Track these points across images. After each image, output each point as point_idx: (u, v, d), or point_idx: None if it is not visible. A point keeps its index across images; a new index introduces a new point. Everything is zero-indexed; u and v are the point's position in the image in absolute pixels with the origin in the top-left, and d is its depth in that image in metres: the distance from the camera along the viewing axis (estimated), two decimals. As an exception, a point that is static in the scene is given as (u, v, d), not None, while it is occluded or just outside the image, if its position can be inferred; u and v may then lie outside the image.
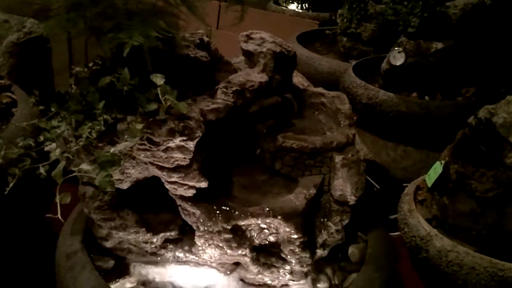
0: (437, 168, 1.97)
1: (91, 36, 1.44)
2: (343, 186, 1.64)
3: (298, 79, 2.63)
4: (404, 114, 2.44)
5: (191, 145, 1.46)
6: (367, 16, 3.28)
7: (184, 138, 1.44)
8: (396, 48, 2.46)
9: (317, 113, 1.87)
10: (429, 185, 1.98)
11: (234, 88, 1.62)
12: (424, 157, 2.55)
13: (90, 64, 1.60)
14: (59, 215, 1.28)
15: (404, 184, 2.46)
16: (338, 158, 1.65)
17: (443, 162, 1.94)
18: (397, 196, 2.15)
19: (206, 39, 1.77)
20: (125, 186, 1.58)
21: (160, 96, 1.38)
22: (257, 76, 1.68)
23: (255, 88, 1.65)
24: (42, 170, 1.37)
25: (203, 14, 1.36)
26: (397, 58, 2.45)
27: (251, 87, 1.64)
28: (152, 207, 1.66)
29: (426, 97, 2.54)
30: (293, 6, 4.91)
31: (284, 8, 4.85)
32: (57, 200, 1.31)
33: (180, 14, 1.43)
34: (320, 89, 1.93)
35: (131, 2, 1.42)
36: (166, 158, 1.47)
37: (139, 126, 1.39)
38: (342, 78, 2.80)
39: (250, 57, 1.78)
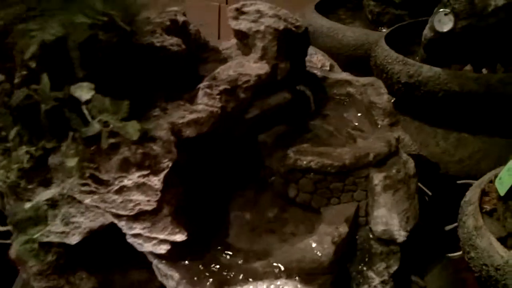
0: (511, 170, 1.48)
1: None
2: (388, 218, 1.14)
3: (318, 58, 2.11)
4: (457, 93, 1.92)
5: (156, 181, 0.99)
6: (399, -27, 2.77)
7: (145, 172, 0.97)
8: (441, 10, 1.92)
9: (342, 109, 1.36)
10: (502, 193, 1.48)
11: (221, 87, 1.13)
12: (483, 146, 2.04)
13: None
14: None
15: (458, 181, 1.99)
16: (378, 178, 1.14)
17: (519, 160, 1.43)
18: (452, 197, 1.63)
19: (181, 19, 1.27)
20: (74, 240, 1.10)
21: (88, 117, 0.89)
22: (253, 67, 1.18)
23: (251, 84, 1.15)
24: None
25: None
26: (444, 22, 1.91)
27: (245, 83, 1.15)
28: (118, 263, 1.19)
29: (484, 70, 2.02)
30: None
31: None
32: None
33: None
34: (345, 75, 1.41)
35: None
36: (121, 202, 0.99)
37: (72, 162, 0.92)
38: (373, 53, 2.28)
39: (244, 40, 1.28)
